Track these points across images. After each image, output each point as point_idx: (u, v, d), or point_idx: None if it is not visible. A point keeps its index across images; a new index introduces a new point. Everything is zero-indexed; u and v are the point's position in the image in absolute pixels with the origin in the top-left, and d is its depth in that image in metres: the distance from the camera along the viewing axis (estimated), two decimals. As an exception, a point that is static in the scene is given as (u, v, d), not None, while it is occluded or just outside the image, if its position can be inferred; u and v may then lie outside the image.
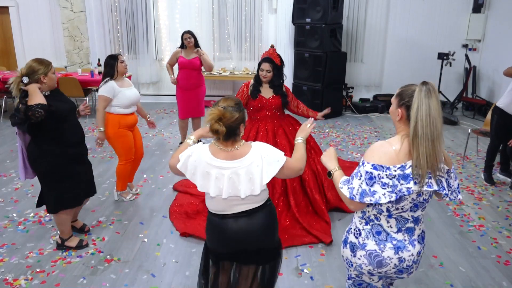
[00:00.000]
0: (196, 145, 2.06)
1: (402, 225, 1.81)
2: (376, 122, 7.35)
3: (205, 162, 1.98)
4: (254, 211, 2.05)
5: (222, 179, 1.96)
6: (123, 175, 4.05)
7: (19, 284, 2.89)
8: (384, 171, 1.71)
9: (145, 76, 8.44)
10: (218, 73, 8.07)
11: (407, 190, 1.69)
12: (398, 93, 1.83)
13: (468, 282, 3.00)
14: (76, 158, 3.14)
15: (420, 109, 1.67)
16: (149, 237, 3.53)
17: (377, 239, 1.81)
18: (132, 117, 3.94)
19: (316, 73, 7.35)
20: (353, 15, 8.01)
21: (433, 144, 1.67)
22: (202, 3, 8.07)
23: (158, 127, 6.79)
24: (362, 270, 1.86)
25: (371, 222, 1.83)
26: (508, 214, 4.04)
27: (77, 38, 8.21)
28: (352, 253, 1.87)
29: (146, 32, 8.23)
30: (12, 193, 4.32)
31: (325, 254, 3.31)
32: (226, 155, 1.98)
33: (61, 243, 3.31)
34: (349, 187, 1.78)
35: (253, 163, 1.97)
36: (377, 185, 1.71)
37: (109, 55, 3.85)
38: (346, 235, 1.94)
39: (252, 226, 2.04)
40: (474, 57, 7.91)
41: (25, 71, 2.88)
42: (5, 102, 7.25)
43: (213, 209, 2.08)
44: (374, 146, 1.79)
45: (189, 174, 2.02)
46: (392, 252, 1.79)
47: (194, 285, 2.93)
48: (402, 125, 1.80)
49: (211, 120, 1.92)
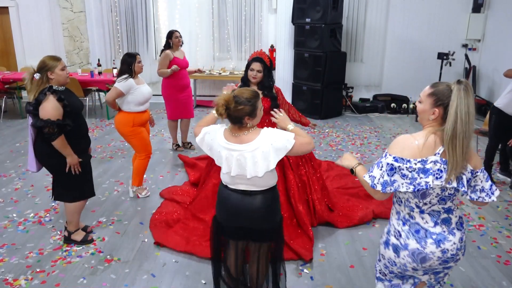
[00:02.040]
0: (214, 126, 2.26)
1: (437, 218, 1.86)
2: (376, 122, 7.35)
3: (217, 143, 2.18)
4: (256, 193, 2.20)
5: (231, 160, 2.14)
6: (142, 170, 4.17)
7: (19, 284, 2.89)
8: (404, 163, 1.76)
9: (145, 76, 8.40)
10: (218, 73, 8.07)
11: (425, 184, 1.74)
12: (432, 93, 1.81)
13: (468, 282, 3.00)
14: (84, 150, 3.22)
15: (459, 108, 1.69)
16: (149, 237, 3.53)
17: (417, 238, 1.85)
18: (146, 114, 4.03)
19: (316, 73, 7.36)
20: (353, 15, 8.01)
21: (468, 142, 1.73)
22: (202, 3, 8.07)
23: (158, 127, 6.80)
24: (407, 268, 1.92)
25: (407, 222, 1.88)
26: (508, 214, 4.04)
27: (77, 38, 8.21)
28: (396, 254, 1.92)
29: (146, 32, 8.24)
30: (12, 193, 4.33)
31: (325, 254, 3.31)
32: (235, 139, 2.15)
33: (68, 236, 3.37)
34: (370, 175, 1.85)
35: (259, 148, 2.11)
36: (396, 175, 1.78)
37: (127, 53, 3.92)
38: (387, 237, 1.98)
39: (251, 205, 2.20)
40: (474, 57, 7.92)
41: (37, 67, 2.98)
42: (5, 102, 7.25)
43: (224, 180, 2.27)
44: (398, 139, 1.85)
45: (205, 149, 2.26)
46: (434, 246, 1.84)
47: (194, 285, 2.93)
48: (433, 123, 1.82)
49: (218, 101, 2.08)
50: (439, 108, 1.78)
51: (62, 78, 3.02)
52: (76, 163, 3.08)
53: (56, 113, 2.91)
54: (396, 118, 7.62)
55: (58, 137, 2.94)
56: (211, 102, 4.03)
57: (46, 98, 2.91)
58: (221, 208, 2.31)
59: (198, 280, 2.98)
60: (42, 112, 2.90)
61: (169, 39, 5.21)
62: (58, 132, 2.93)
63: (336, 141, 6.20)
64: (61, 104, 2.93)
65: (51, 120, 2.89)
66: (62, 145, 2.99)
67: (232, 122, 2.15)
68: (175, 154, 5.55)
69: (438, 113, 1.79)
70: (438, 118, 1.80)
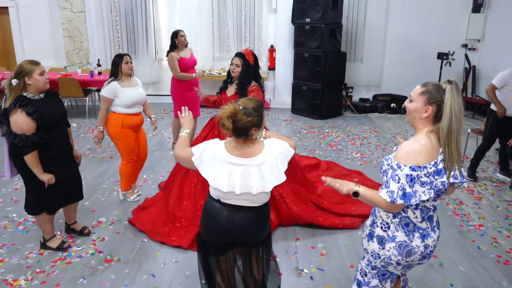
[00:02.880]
0: (212, 141, 2.11)
1: (425, 214, 1.92)
2: (376, 122, 7.35)
3: (219, 158, 2.02)
4: (248, 209, 2.09)
5: (235, 175, 2.00)
6: (125, 175, 4.06)
7: (19, 285, 2.89)
8: (421, 170, 1.79)
9: (145, 76, 8.43)
10: (218, 73, 8.07)
11: (442, 184, 1.81)
12: (424, 91, 1.86)
13: (468, 281, 3.00)
14: (59, 159, 3.03)
15: (453, 106, 1.77)
16: (149, 237, 3.53)
17: (406, 231, 1.90)
18: (137, 118, 3.89)
19: (315, 73, 7.36)
20: (352, 15, 8.01)
21: (459, 138, 1.81)
22: (202, 3, 8.07)
23: (158, 127, 6.79)
24: (391, 261, 1.94)
25: (399, 215, 1.91)
26: (508, 214, 4.04)
27: (77, 39, 8.21)
28: (380, 246, 1.94)
29: (145, 33, 8.23)
30: (12, 194, 4.32)
31: (325, 254, 3.31)
32: (240, 152, 2.02)
33: (43, 242, 3.30)
34: (388, 191, 1.82)
35: (265, 162, 2.01)
36: (416, 184, 1.79)
37: (117, 54, 3.85)
38: (370, 229, 2.00)
39: (245, 222, 2.10)
40: (473, 57, 7.92)
41: (14, 72, 2.83)
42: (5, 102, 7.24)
43: (215, 194, 2.12)
44: (405, 148, 1.83)
45: (202, 168, 2.05)
46: (419, 240, 1.90)
47: (194, 285, 2.93)
48: (426, 123, 1.87)
49: (222, 114, 1.95)
50: (432, 105, 1.83)
51: (40, 83, 2.85)
52: (49, 178, 2.92)
53: (28, 127, 2.76)
54: (396, 118, 7.62)
55: (31, 153, 2.81)
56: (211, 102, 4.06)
57: (15, 111, 2.75)
58: (208, 224, 2.16)
59: (198, 280, 2.96)
60: (14, 127, 2.75)
61: (175, 38, 5.20)
62: (31, 147, 2.79)
63: (336, 141, 6.20)
64: (31, 119, 2.76)
65: (25, 135, 2.74)
66: (33, 162, 2.84)
67: (237, 135, 2.01)
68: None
69: (431, 111, 1.84)
70: (430, 117, 1.85)
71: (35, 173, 2.89)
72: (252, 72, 3.62)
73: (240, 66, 3.56)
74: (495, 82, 4.47)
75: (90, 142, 5.84)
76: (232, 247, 2.25)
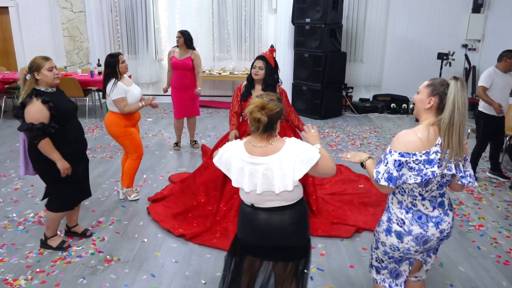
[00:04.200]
0: (232, 142, 2.11)
1: (435, 203, 2.03)
2: (376, 122, 7.35)
3: (239, 159, 2.01)
4: (285, 208, 2.05)
5: (256, 175, 1.98)
6: (133, 171, 4.10)
7: (19, 284, 2.89)
8: (410, 157, 1.90)
9: (145, 76, 8.44)
10: (218, 73, 8.07)
11: (432, 173, 1.89)
12: (430, 84, 1.99)
13: (468, 282, 3.00)
14: (77, 155, 3.12)
15: (456, 99, 1.86)
16: (149, 237, 3.53)
17: (420, 223, 2.01)
18: (137, 114, 3.98)
19: (315, 73, 7.36)
20: (352, 15, 8.01)
21: (462, 131, 1.88)
22: (202, 3, 8.07)
23: (158, 127, 6.81)
24: (410, 252, 2.06)
25: (410, 210, 2.02)
26: (508, 214, 4.04)
27: (77, 38, 8.20)
28: (399, 240, 2.04)
29: (146, 32, 8.24)
30: (12, 193, 4.32)
31: (325, 254, 3.31)
32: (260, 151, 1.99)
33: (44, 240, 3.30)
34: (376, 170, 1.98)
35: (286, 159, 1.97)
36: (404, 169, 1.92)
37: (109, 54, 3.80)
38: (388, 225, 2.09)
39: (283, 222, 2.05)
40: (473, 57, 7.92)
41: (27, 67, 2.91)
42: (5, 102, 7.25)
43: (246, 200, 2.11)
44: (400, 136, 1.97)
45: (224, 168, 2.07)
46: (434, 229, 2.01)
47: (194, 285, 2.93)
48: (428, 114, 1.98)
49: (253, 108, 1.93)
50: (435, 97, 1.95)
51: (49, 79, 2.92)
52: (66, 167, 2.96)
53: (40, 116, 2.81)
54: (396, 118, 7.62)
55: (42, 140, 2.84)
56: (211, 102, 4.08)
57: (31, 101, 2.83)
58: (245, 229, 2.14)
59: (198, 280, 2.98)
60: (27, 116, 2.82)
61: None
62: (41, 135, 2.82)
63: (336, 141, 6.20)
64: (46, 107, 2.83)
65: (33, 124, 2.80)
66: (48, 149, 2.87)
67: (264, 130, 1.98)
68: (175, 154, 5.55)
69: (434, 102, 1.95)
70: (433, 108, 1.96)
71: (54, 160, 2.90)
72: (275, 74, 3.68)
73: (264, 68, 3.58)
74: (483, 84, 4.49)
75: (90, 142, 5.81)
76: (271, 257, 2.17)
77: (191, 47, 5.35)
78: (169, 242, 3.46)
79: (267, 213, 2.05)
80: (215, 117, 7.54)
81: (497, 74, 4.47)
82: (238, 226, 2.20)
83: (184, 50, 5.33)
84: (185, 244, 3.43)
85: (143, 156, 4.16)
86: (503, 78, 4.47)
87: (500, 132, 4.65)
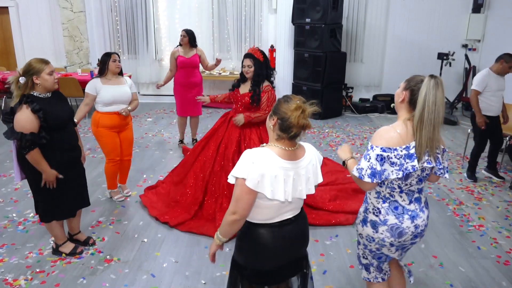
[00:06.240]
0: (255, 151, 1.86)
1: (412, 196, 2.07)
2: (376, 122, 7.35)
3: (273, 165, 1.82)
4: (296, 218, 1.97)
5: (289, 181, 1.85)
6: (108, 174, 4.07)
7: (19, 284, 2.89)
8: (392, 152, 1.93)
9: (145, 76, 8.44)
10: (218, 73, 8.07)
11: (412, 167, 1.93)
12: (407, 79, 2.04)
13: (468, 282, 3.00)
14: (70, 162, 3.00)
15: (427, 97, 1.87)
16: (149, 237, 3.53)
17: (396, 214, 2.04)
18: (116, 118, 3.81)
19: (315, 73, 7.35)
20: (352, 15, 8.01)
21: (434, 129, 1.90)
22: (202, 3, 8.07)
23: (158, 127, 6.81)
24: (384, 243, 2.08)
25: (387, 200, 2.06)
26: (508, 214, 4.04)
27: (77, 38, 8.21)
28: (374, 230, 2.08)
29: (146, 32, 8.24)
30: (12, 193, 4.32)
31: (324, 254, 3.31)
32: (290, 155, 1.88)
33: (55, 248, 3.23)
34: (358, 168, 1.99)
35: (311, 162, 1.95)
36: (386, 164, 1.95)
37: (105, 53, 3.87)
38: (364, 215, 2.13)
39: (299, 232, 1.99)
40: (473, 57, 7.92)
41: (22, 70, 2.77)
42: (5, 102, 7.25)
43: (260, 218, 1.90)
44: (380, 132, 2.01)
45: (253, 183, 1.78)
46: (409, 222, 2.04)
47: (194, 285, 2.93)
48: (403, 109, 2.04)
49: (299, 115, 1.80)
50: (407, 91, 2.01)
51: (49, 83, 2.79)
52: (51, 180, 2.83)
53: (29, 126, 2.67)
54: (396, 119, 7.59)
55: (30, 151, 2.71)
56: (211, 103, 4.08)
57: (20, 108, 2.69)
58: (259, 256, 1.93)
59: (198, 280, 2.98)
60: (16, 124, 2.69)
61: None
62: (29, 146, 2.69)
63: (336, 141, 6.20)
64: (35, 116, 2.69)
65: (23, 133, 2.66)
66: (36, 160, 2.74)
67: (298, 134, 1.86)
68: (174, 154, 5.55)
69: (405, 96, 2.01)
70: (405, 102, 2.02)
71: (42, 171, 2.78)
72: (265, 68, 3.64)
73: (252, 66, 3.59)
74: (477, 88, 4.47)
75: (90, 142, 5.84)
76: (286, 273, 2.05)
77: (194, 45, 5.41)
78: (169, 242, 3.46)
79: (281, 228, 1.92)
80: (215, 117, 7.53)
81: (491, 77, 4.46)
82: (247, 256, 1.97)
83: (189, 48, 5.39)
84: (185, 244, 3.43)
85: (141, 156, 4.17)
86: (497, 81, 4.47)
87: (497, 131, 4.65)
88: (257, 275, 1.99)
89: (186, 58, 5.36)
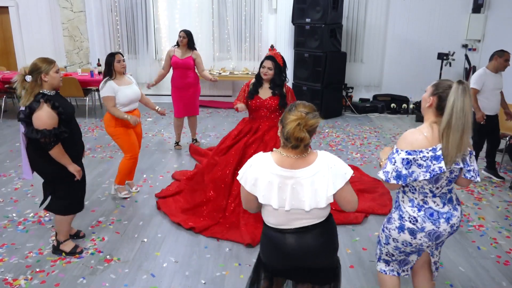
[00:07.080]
0: (257, 155, 1.91)
1: (445, 199, 2.10)
2: (376, 122, 7.35)
3: (267, 171, 1.83)
4: (315, 227, 1.89)
5: (285, 189, 1.82)
6: (124, 170, 4.11)
7: (19, 284, 2.89)
8: (418, 154, 1.96)
9: (145, 76, 8.43)
10: (218, 73, 8.07)
11: (439, 169, 1.95)
12: (434, 84, 2.06)
13: (468, 282, 3.00)
14: (78, 156, 3.12)
15: (456, 103, 1.89)
16: (149, 237, 3.53)
17: (432, 220, 2.07)
18: (132, 115, 3.92)
19: (316, 73, 7.35)
20: (353, 15, 8.01)
21: (462, 135, 1.92)
22: (202, 3, 8.07)
23: (158, 127, 6.81)
24: (422, 247, 2.14)
25: (422, 208, 2.08)
26: (508, 214, 4.04)
27: (77, 38, 8.21)
28: (412, 237, 2.11)
29: (146, 32, 8.24)
30: (12, 193, 4.32)
31: (325, 254, 3.31)
32: (292, 162, 1.82)
33: (56, 245, 3.25)
34: (384, 171, 2.04)
35: (319, 172, 1.81)
36: (414, 166, 1.98)
37: (109, 53, 3.89)
38: (400, 223, 2.13)
39: (312, 243, 1.89)
40: (474, 57, 7.91)
41: (28, 69, 2.86)
42: (5, 102, 7.25)
43: (272, 222, 1.92)
44: (405, 135, 2.04)
45: (248, 185, 1.87)
46: (445, 224, 2.08)
47: (194, 285, 2.93)
48: (430, 113, 2.05)
49: (295, 127, 1.75)
50: (435, 97, 2.01)
51: (56, 81, 2.91)
52: (78, 169, 2.97)
53: (51, 122, 2.79)
54: (396, 119, 7.62)
55: (55, 146, 2.82)
56: (211, 102, 4.09)
57: (40, 107, 2.78)
58: (271, 255, 1.97)
59: (198, 280, 2.98)
60: (37, 122, 2.77)
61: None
62: (54, 141, 2.81)
63: (336, 141, 6.20)
64: (55, 112, 2.81)
65: (47, 129, 2.77)
66: (60, 155, 2.86)
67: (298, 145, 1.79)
68: (174, 154, 5.55)
69: (433, 101, 2.02)
70: (433, 107, 2.02)
71: (65, 164, 2.90)
72: (283, 73, 3.72)
73: (273, 69, 3.63)
74: (475, 86, 4.50)
75: (90, 142, 5.84)
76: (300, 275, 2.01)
77: (193, 47, 5.40)
78: (169, 242, 3.46)
79: (296, 236, 1.88)
80: (215, 117, 7.54)
81: (488, 75, 4.51)
82: (262, 251, 2.03)
83: (185, 50, 5.38)
84: (185, 244, 3.43)
85: (141, 156, 4.18)
86: (494, 79, 4.52)
87: (495, 130, 4.67)
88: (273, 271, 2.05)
89: (179, 59, 5.34)
